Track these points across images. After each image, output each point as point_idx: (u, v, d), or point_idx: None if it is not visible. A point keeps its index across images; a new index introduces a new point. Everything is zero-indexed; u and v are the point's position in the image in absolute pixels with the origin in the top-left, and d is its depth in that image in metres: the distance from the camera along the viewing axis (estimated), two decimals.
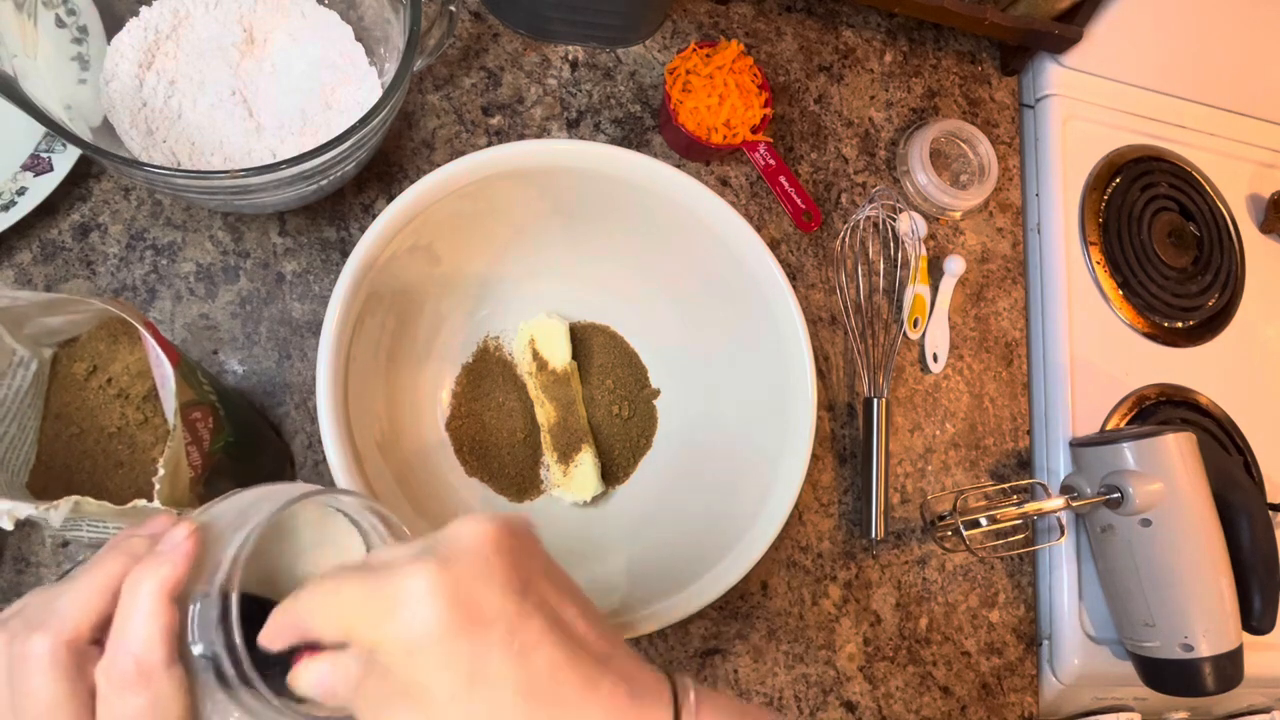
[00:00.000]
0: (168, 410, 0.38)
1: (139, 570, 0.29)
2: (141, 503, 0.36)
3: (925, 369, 0.71)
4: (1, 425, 0.40)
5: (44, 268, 0.54)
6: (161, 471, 0.36)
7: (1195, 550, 0.61)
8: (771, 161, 0.70)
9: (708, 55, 0.66)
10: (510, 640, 0.27)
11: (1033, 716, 0.67)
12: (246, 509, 0.32)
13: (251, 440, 0.48)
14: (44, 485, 0.42)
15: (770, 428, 0.54)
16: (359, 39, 0.58)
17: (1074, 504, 0.63)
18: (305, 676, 0.29)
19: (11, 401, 0.41)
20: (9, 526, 0.34)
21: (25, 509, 0.34)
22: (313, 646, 0.30)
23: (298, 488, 0.33)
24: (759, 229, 0.66)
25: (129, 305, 0.38)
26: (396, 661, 0.27)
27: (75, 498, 0.34)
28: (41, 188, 0.52)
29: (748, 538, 0.50)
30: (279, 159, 0.50)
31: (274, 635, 0.30)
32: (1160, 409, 0.74)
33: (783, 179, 0.70)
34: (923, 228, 0.72)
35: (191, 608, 0.30)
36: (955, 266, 0.72)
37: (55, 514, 0.34)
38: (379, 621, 0.27)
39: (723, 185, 0.69)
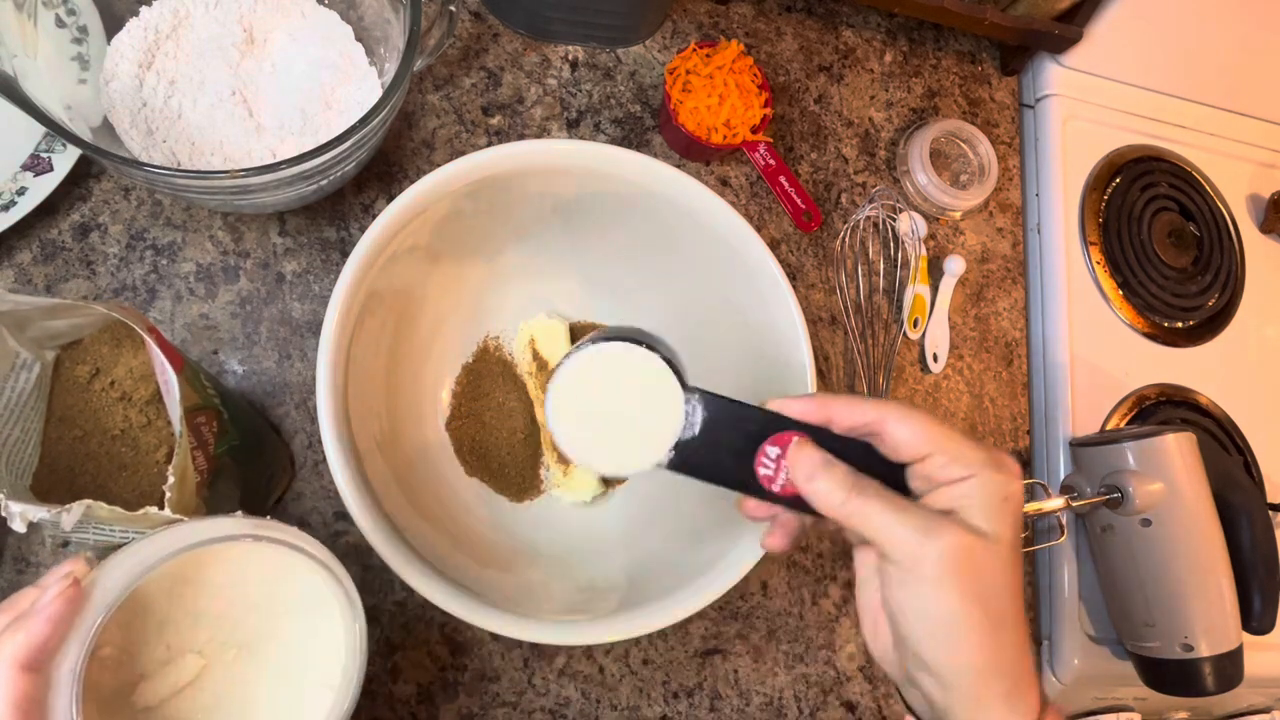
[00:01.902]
0: (173, 417, 0.38)
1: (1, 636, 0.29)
2: (153, 509, 0.36)
3: (925, 369, 0.71)
4: (5, 428, 0.40)
5: (44, 268, 0.54)
6: (172, 479, 0.36)
7: (1195, 550, 0.61)
8: (771, 161, 0.70)
9: (708, 55, 0.66)
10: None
11: None
12: (147, 557, 0.32)
13: (254, 442, 0.48)
14: (48, 487, 0.42)
15: None
16: (359, 39, 0.58)
17: (1074, 504, 0.63)
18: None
19: (15, 404, 0.41)
20: (21, 529, 0.34)
21: (37, 512, 0.34)
22: None
23: (203, 534, 0.34)
24: (759, 229, 0.66)
25: (134, 311, 0.38)
26: (994, 499, 0.33)
27: (87, 502, 0.34)
28: (41, 188, 0.52)
29: (748, 537, 0.50)
30: (279, 159, 0.50)
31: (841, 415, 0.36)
32: (1160, 409, 0.74)
33: (783, 179, 0.70)
34: (923, 228, 0.72)
35: (55, 675, 0.30)
36: (955, 266, 0.72)
37: (67, 518, 0.34)
38: (992, 466, 0.33)
39: (723, 185, 0.69)
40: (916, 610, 0.33)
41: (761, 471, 0.37)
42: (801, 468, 0.35)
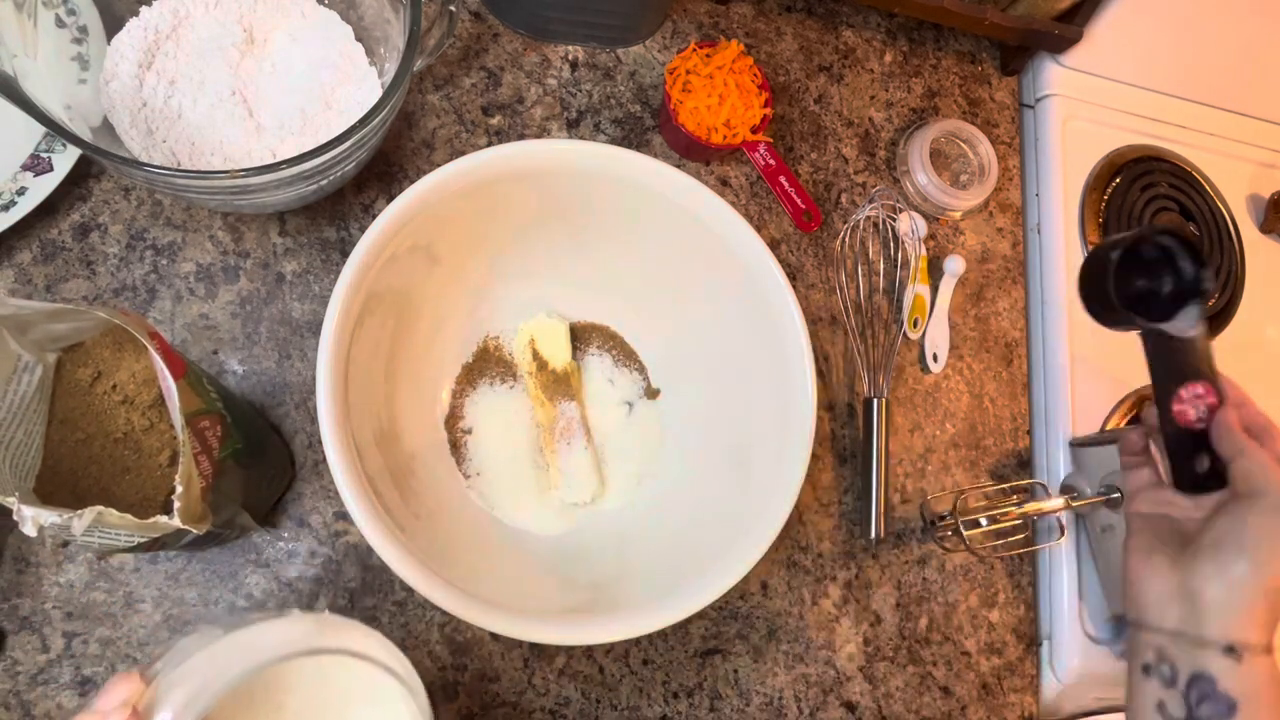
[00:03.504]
0: (176, 424, 0.38)
1: None
2: (163, 519, 0.36)
3: (925, 369, 0.71)
4: (8, 430, 0.40)
5: (44, 268, 0.54)
6: (179, 489, 0.36)
7: None
8: (771, 161, 0.70)
9: (708, 55, 0.66)
10: None
11: (1033, 716, 0.67)
12: (209, 681, 0.31)
13: (257, 444, 0.48)
14: (51, 490, 0.42)
15: (770, 428, 0.54)
16: (359, 39, 0.58)
17: (1074, 504, 0.63)
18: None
19: (18, 406, 0.41)
20: (32, 533, 0.34)
21: (49, 516, 0.34)
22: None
23: (265, 650, 0.32)
24: (759, 229, 0.66)
25: (136, 317, 0.38)
26: None
27: (98, 508, 0.34)
28: (41, 188, 0.52)
29: (748, 538, 0.50)
30: (279, 159, 0.50)
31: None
32: None
33: (783, 179, 0.70)
34: (923, 228, 0.72)
35: None
36: (955, 266, 0.72)
37: (78, 523, 0.34)
38: None
39: (723, 185, 0.69)
40: (1262, 527, 0.40)
41: (1177, 407, 0.47)
42: (1226, 425, 0.44)
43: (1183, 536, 0.44)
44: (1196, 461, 0.47)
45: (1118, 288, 0.48)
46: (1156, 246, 0.48)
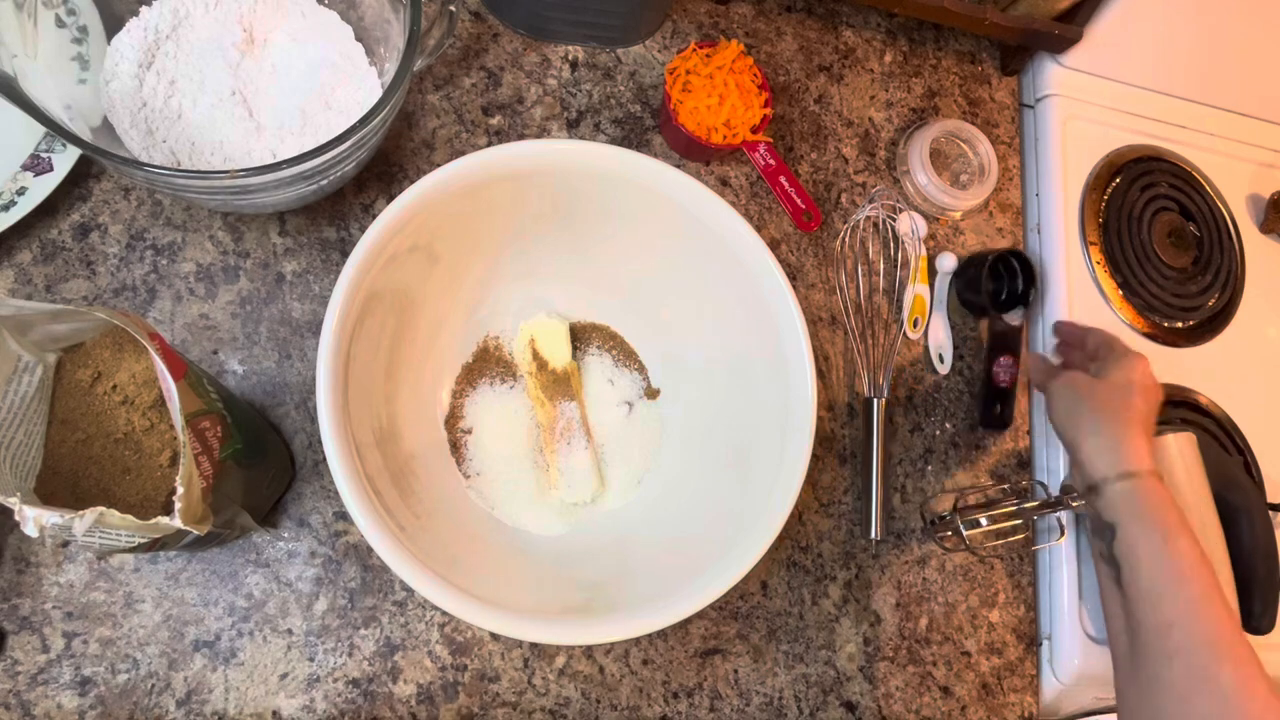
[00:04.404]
0: (177, 425, 0.38)
1: None
2: (164, 520, 0.36)
3: (931, 369, 0.71)
4: (8, 430, 0.40)
5: (44, 268, 0.54)
6: (180, 489, 0.36)
7: None
8: (771, 161, 0.70)
9: (708, 55, 0.66)
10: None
11: (1033, 716, 0.67)
12: None
13: (257, 444, 0.48)
14: (51, 490, 0.42)
15: (770, 428, 0.54)
16: (359, 39, 0.58)
17: (1074, 504, 0.63)
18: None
19: (18, 407, 0.41)
20: (34, 533, 0.34)
21: (50, 517, 0.34)
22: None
23: None
24: (759, 229, 0.66)
25: (136, 319, 0.38)
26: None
27: (100, 509, 0.34)
28: (41, 188, 0.52)
29: (748, 538, 0.50)
30: (279, 159, 0.50)
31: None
32: (1160, 409, 0.74)
33: (783, 179, 0.70)
34: (923, 228, 0.72)
35: None
36: (948, 264, 0.72)
37: (80, 524, 0.34)
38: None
39: (723, 185, 0.69)
40: (1053, 411, 0.59)
41: (995, 369, 0.69)
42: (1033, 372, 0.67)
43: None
44: (994, 409, 0.69)
45: (978, 287, 0.71)
46: (1008, 263, 0.71)
